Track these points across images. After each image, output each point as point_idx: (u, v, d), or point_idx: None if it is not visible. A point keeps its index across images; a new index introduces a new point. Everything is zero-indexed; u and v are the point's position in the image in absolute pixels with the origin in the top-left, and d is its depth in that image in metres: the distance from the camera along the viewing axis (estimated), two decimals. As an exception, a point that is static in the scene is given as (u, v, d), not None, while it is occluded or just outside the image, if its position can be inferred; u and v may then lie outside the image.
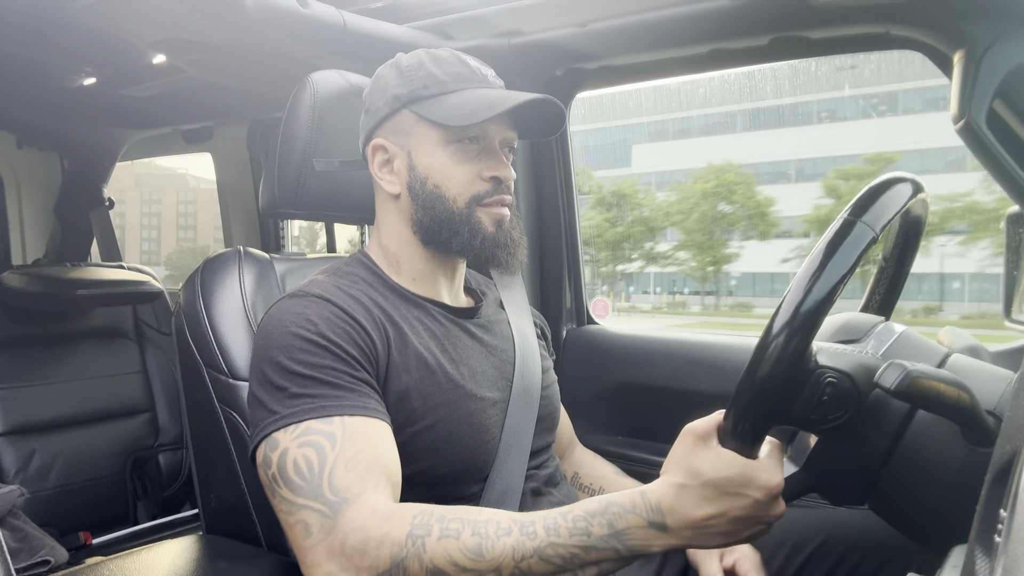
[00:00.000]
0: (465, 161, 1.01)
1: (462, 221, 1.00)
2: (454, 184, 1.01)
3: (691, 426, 0.77)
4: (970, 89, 1.12)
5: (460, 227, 1.01)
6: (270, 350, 0.91)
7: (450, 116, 0.98)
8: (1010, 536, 0.36)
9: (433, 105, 1.00)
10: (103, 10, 1.28)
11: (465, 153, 1.01)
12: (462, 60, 1.03)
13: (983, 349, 0.97)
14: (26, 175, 2.75)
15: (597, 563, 0.76)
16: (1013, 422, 0.55)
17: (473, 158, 1.01)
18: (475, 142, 1.01)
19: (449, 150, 1.00)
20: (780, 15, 1.30)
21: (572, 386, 1.69)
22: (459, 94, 1.00)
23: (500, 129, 1.03)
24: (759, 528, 0.75)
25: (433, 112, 1.00)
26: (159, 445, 2.46)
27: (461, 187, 1.01)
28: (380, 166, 1.05)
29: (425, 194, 1.01)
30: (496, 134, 1.02)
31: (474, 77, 1.02)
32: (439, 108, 0.99)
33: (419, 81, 1.01)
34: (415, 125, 1.01)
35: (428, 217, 1.01)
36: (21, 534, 1.81)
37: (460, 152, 1.01)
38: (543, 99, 0.99)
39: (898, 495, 0.81)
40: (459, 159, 1.01)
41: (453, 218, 1.01)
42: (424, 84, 1.01)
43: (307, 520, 0.81)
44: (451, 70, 1.01)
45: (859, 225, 0.73)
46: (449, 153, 1.00)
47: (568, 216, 1.83)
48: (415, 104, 1.01)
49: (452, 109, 0.99)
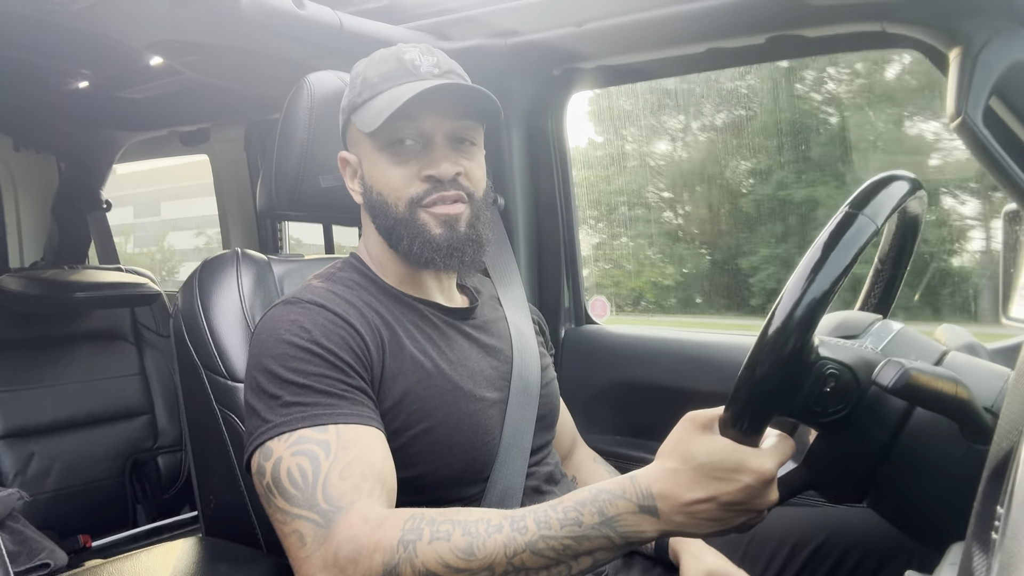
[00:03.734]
0: (400, 164, 0.98)
1: (404, 225, 0.98)
2: (392, 189, 0.98)
3: (692, 414, 0.77)
4: (966, 87, 1.12)
5: (403, 232, 0.99)
6: (264, 358, 0.90)
7: (365, 122, 0.97)
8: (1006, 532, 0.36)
9: (362, 112, 0.99)
10: (99, 12, 1.28)
11: (400, 155, 0.98)
12: (397, 56, 0.99)
13: (981, 346, 0.97)
14: (23, 178, 2.75)
15: (591, 553, 0.75)
16: (1009, 419, 0.55)
17: (411, 159, 0.98)
18: (415, 142, 0.98)
19: (384, 155, 0.99)
20: (777, 14, 1.30)
21: (571, 386, 1.68)
22: (383, 96, 0.97)
23: (440, 123, 0.97)
24: (751, 516, 0.75)
25: (359, 119, 0.99)
26: (158, 447, 2.46)
27: (400, 191, 0.98)
28: (350, 178, 1.05)
29: (373, 202, 1.01)
30: (436, 129, 0.98)
31: (403, 73, 0.98)
32: (363, 115, 0.99)
33: (356, 88, 1.01)
34: (359, 135, 1.01)
35: (380, 225, 1.01)
36: (20, 537, 1.81)
37: (393, 155, 0.98)
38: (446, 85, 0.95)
39: (896, 492, 0.82)
40: (393, 162, 0.98)
41: (397, 224, 0.99)
42: (359, 91, 1.00)
43: (301, 530, 0.80)
44: (383, 69, 0.99)
45: (860, 218, 0.73)
46: (385, 158, 0.99)
47: (566, 215, 1.83)
48: (354, 113, 1.01)
49: (368, 113, 0.97)
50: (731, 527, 0.75)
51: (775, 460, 0.73)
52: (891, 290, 1.04)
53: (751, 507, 0.74)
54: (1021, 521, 0.35)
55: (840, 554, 1.11)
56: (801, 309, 0.70)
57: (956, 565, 0.61)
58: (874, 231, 0.73)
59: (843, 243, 0.72)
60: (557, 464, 1.14)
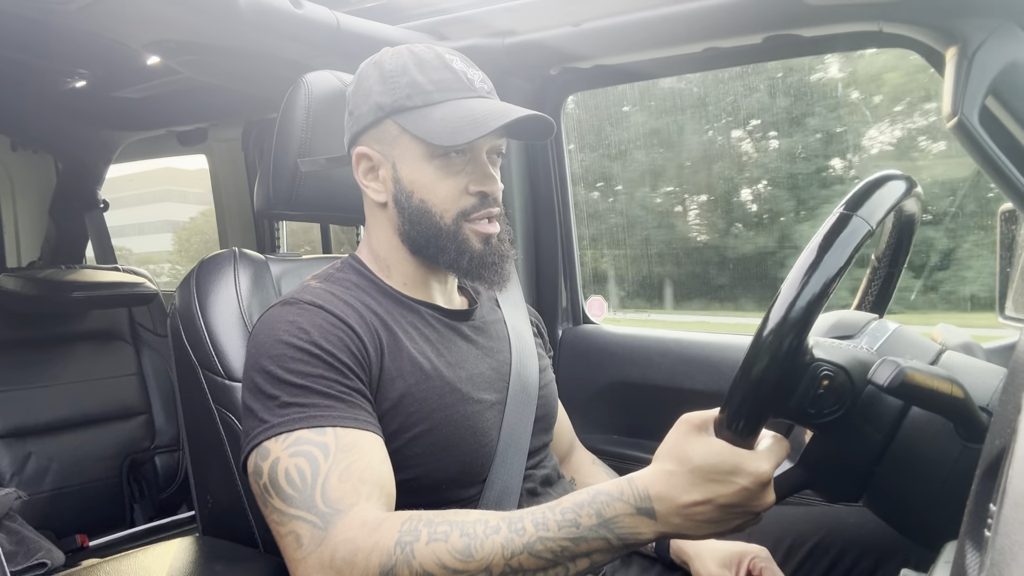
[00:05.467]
0: (451, 175, 0.98)
1: (449, 238, 0.99)
2: (440, 200, 0.98)
3: (688, 416, 0.77)
4: (963, 86, 1.13)
5: (447, 243, 0.99)
6: (261, 359, 0.90)
7: (435, 133, 0.95)
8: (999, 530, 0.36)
9: (417, 118, 0.97)
10: (97, 12, 1.28)
11: (451, 167, 0.98)
12: (447, 64, 0.99)
13: (977, 346, 0.97)
14: (20, 178, 2.75)
15: (588, 555, 0.75)
16: (1002, 417, 0.55)
17: (459, 171, 0.98)
18: (461, 155, 0.98)
19: (435, 164, 0.98)
20: (774, 14, 1.31)
21: (568, 386, 1.69)
22: (444, 106, 0.97)
23: (487, 139, 1.00)
24: (748, 518, 0.75)
25: (417, 127, 0.97)
26: (155, 447, 2.46)
27: (448, 203, 0.98)
28: (365, 173, 1.03)
29: (412, 208, 0.99)
30: (483, 144, 1.00)
31: (460, 85, 0.98)
32: (423, 123, 0.96)
33: (402, 90, 0.98)
34: (399, 136, 0.99)
35: (415, 231, 1.00)
36: (17, 537, 1.81)
37: (446, 166, 0.98)
38: (531, 116, 0.96)
39: (892, 491, 0.82)
40: (445, 173, 0.98)
41: (440, 234, 0.99)
42: (407, 94, 0.97)
43: (298, 531, 0.80)
44: (435, 77, 0.98)
45: (855, 219, 0.73)
46: (435, 167, 0.98)
47: (563, 216, 1.83)
48: (398, 115, 0.98)
49: (436, 125, 0.95)
50: (728, 529, 0.75)
51: (771, 462, 0.74)
52: (887, 289, 1.05)
53: (748, 509, 0.74)
54: (1013, 519, 0.35)
55: (836, 553, 1.12)
56: (795, 311, 0.70)
57: (951, 563, 0.61)
58: (868, 232, 0.73)
59: (837, 244, 0.72)
60: (555, 465, 1.14)
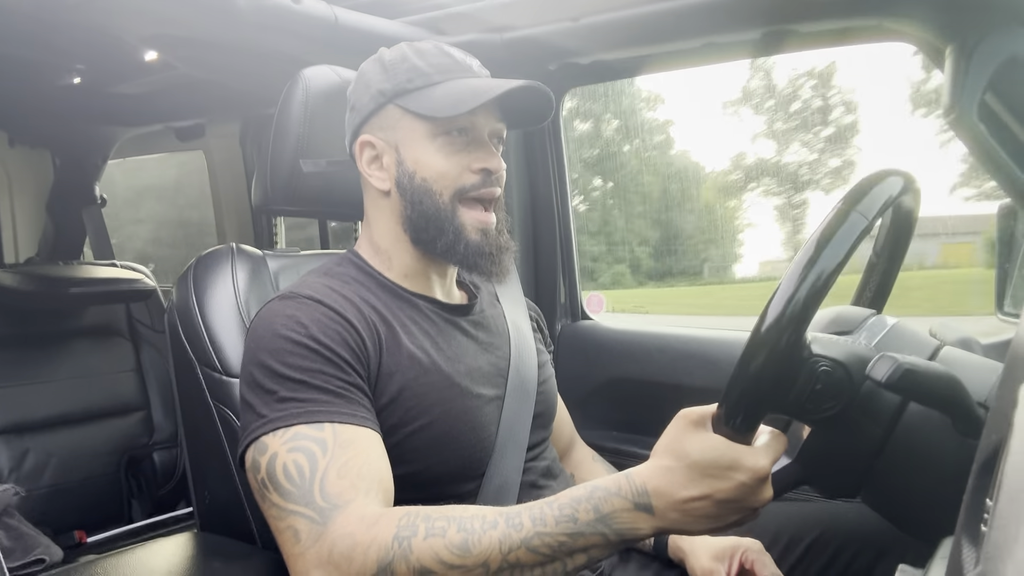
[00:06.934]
0: (453, 153, 0.99)
1: (447, 219, 0.99)
2: (440, 176, 0.99)
3: (686, 411, 0.77)
4: (962, 82, 1.13)
5: (445, 226, 0.99)
6: (259, 353, 0.90)
7: (436, 108, 0.97)
8: (994, 524, 0.36)
9: (419, 98, 0.99)
10: (94, 7, 1.27)
11: (453, 145, 0.99)
12: (445, 51, 1.02)
13: (975, 341, 0.97)
14: (18, 173, 2.74)
15: (586, 550, 0.75)
16: (998, 412, 0.55)
17: (461, 150, 1.00)
18: (463, 134, 1.00)
19: (437, 143, 0.99)
20: (773, 8, 1.30)
21: (566, 381, 1.68)
22: (444, 85, 0.99)
23: (488, 120, 1.01)
24: (746, 514, 0.75)
25: (419, 105, 0.99)
26: (154, 443, 2.46)
27: (449, 180, 0.99)
28: (368, 162, 1.03)
29: (413, 188, 1.00)
30: (484, 125, 1.01)
31: (458, 68, 1.01)
32: (425, 100, 0.98)
33: (403, 75, 1.00)
34: (401, 119, 1.00)
35: (416, 212, 1.00)
36: (15, 533, 1.81)
37: (448, 144, 0.99)
38: (531, 86, 0.98)
39: (890, 487, 0.82)
40: (447, 151, 0.99)
41: (440, 214, 0.99)
42: (408, 77, 1.00)
43: (296, 526, 0.80)
44: (435, 61, 1.00)
45: (853, 214, 0.73)
46: (437, 146, 0.99)
47: (562, 210, 1.83)
48: (400, 98, 1.00)
49: (438, 100, 0.97)
50: (726, 524, 0.75)
51: (769, 458, 0.74)
52: (886, 285, 1.05)
53: (746, 504, 0.74)
54: (1009, 512, 0.35)
55: (834, 549, 1.12)
56: (793, 306, 0.70)
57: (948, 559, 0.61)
58: (866, 227, 0.73)
59: (835, 240, 0.72)
60: (554, 459, 1.14)
